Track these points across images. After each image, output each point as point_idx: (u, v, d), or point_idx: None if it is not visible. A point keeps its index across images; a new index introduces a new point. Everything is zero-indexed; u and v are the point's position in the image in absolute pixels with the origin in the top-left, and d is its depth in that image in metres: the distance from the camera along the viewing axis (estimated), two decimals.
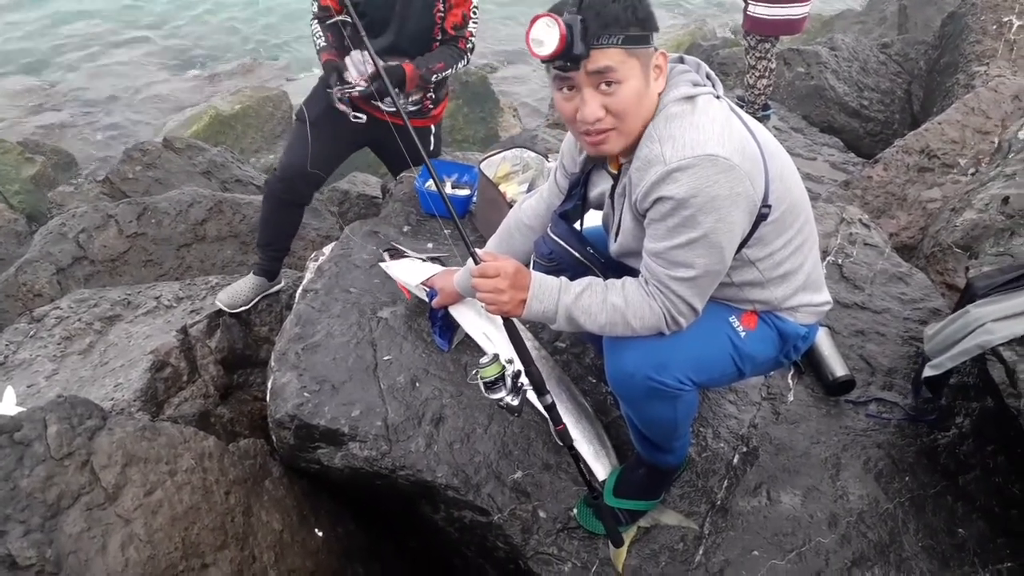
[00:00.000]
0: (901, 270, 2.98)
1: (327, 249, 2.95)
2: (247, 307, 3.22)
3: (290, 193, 3.08)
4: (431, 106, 3.18)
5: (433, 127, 3.33)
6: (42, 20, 11.91)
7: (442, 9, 2.91)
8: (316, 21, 3.01)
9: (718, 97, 1.60)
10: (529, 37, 1.48)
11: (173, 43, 11.48)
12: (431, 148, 3.37)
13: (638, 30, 1.50)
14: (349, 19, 2.84)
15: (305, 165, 2.98)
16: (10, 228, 5.13)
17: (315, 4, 2.99)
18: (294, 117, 3.22)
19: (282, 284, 3.38)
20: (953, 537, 2.14)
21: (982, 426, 2.35)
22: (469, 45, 3.05)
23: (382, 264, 2.69)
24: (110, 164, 6.04)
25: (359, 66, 2.85)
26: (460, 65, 3.07)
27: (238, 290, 3.20)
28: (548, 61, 1.50)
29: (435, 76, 2.98)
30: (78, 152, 7.98)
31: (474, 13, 3.00)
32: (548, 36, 1.46)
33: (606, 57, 1.49)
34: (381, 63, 2.51)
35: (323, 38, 2.99)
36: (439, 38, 2.98)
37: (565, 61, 1.49)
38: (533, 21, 1.48)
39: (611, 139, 1.59)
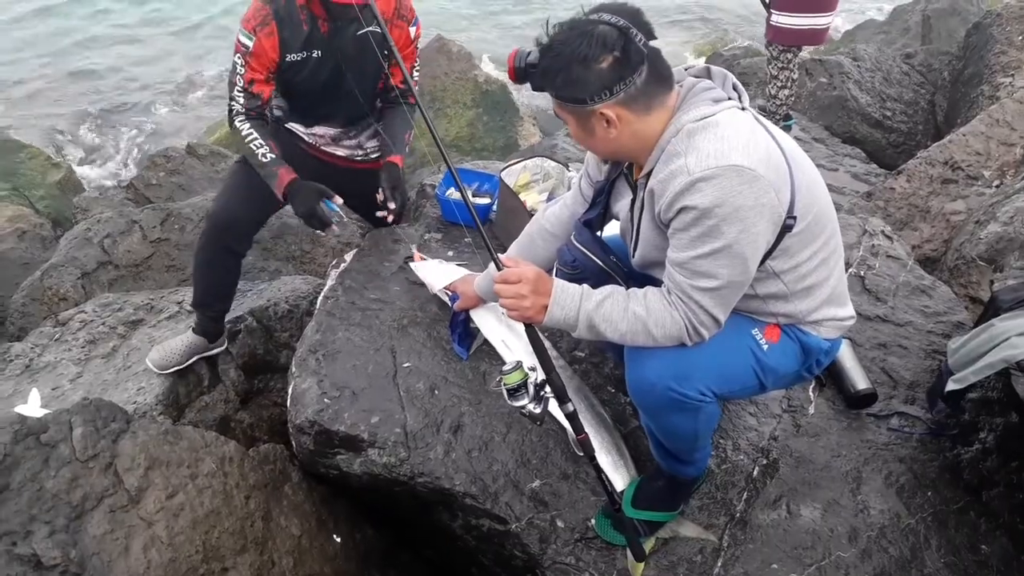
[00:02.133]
0: (924, 283, 2.95)
1: (348, 256, 2.96)
2: (180, 367, 2.85)
3: (231, 238, 2.72)
4: None
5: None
6: (70, 26, 12.09)
7: (386, 65, 2.60)
8: (245, 119, 2.55)
9: (743, 109, 1.60)
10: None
11: (197, 50, 11.62)
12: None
13: (561, 94, 1.60)
14: (282, 105, 2.64)
15: (249, 214, 2.73)
16: (36, 233, 5.18)
17: (241, 95, 2.52)
18: (236, 163, 2.84)
19: (224, 347, 2.99)
20: (976, 554, 2.11)
21: (1006, 442, 2.31)
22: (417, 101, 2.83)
23: (410, 264, 2.71)
24: (135, 170, 6.11)
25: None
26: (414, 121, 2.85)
27: (171, 348, 2.84)
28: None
29: (407, 146, 2.83)
30: (103, 158, 8.08)
31: (417, 61, 2.79)
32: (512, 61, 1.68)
33: (550, 99, 1.64)
34: (390, 185, 2.64)
35: (266, 147, 2.54)
36: (387, 93, 2.79)
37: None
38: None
39: None
